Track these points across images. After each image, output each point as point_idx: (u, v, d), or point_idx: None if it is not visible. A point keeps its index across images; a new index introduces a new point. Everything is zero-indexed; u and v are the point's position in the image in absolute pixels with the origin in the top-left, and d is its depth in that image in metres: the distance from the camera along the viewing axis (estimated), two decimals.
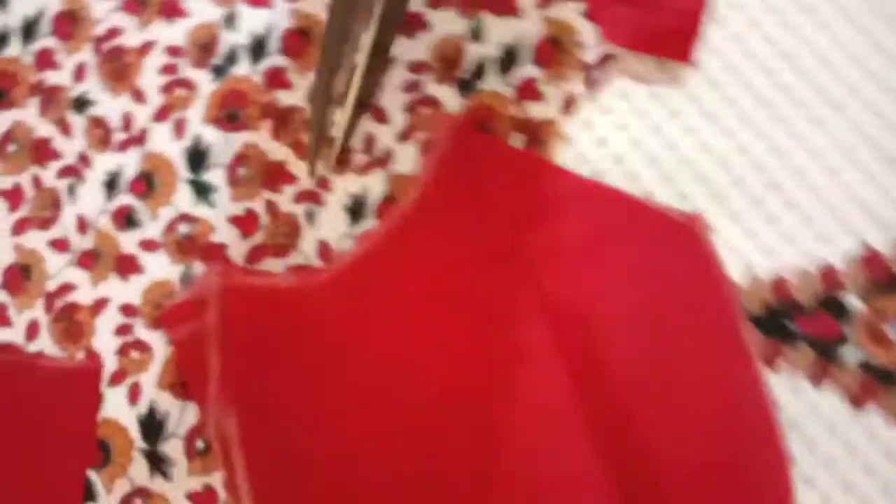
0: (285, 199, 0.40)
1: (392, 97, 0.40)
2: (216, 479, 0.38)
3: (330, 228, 0.40)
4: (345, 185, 0.40)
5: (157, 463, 0.38)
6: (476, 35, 0.40)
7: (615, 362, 0.36)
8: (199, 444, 0.38)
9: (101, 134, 0.41)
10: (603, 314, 0.37)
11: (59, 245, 0.41)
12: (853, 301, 0.36)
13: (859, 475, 0.35)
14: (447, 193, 0.39)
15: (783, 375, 0.36)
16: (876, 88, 0.38)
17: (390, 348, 0.38)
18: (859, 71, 0.38)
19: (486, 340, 0.38)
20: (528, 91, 0.39)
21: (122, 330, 0.39)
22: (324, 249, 0.39)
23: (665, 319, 0.37)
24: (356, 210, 0.40)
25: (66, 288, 0.40)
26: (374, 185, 0.40)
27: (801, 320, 0.36)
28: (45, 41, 0.43)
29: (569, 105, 0.39)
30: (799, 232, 0.37)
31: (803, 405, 0.35)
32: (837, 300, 0.36)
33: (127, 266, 0.40)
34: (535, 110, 0.39)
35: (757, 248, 0.37)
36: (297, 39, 0.41)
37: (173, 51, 0.42)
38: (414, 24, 0.40)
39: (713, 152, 0.38)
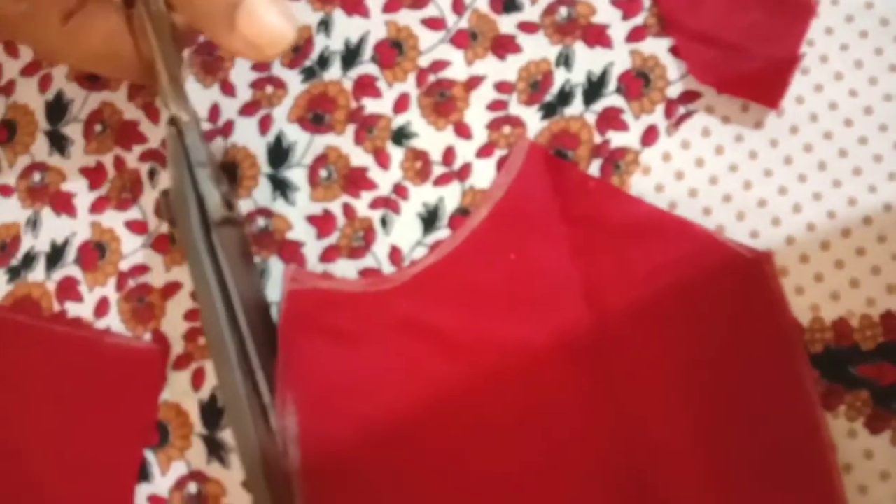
0: (362, 204, 0.43)
1: (476, 114, 0.43)
2: None
3: (403, 235, 0.43)
4: (421, 195, 0.43)
5: (216, 449, 0.41)
6: (566, 62, 0.43)
7: (667, 394, 0.39)
8: None
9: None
10: (661, 343, 0.39)
11: (136, 226, 0.44)
12: None
13: None
14: (518, 212, 0.42)
15: (841, 419, 0.38)
16: None
17: (453, 355, 0.41)
18: None
19: (541, 359, 0.40)
20: (611, 120, 0.42)
21: (192, 315, 0.42)
22: (395, 255, 0.42)
23: (725, 355, 0.40)
24: (429, 220, 0.43)
25: (140, 269, 0.43)
26: (450, 197, 0.43)
27: (861, 366, 0.39)
28: None
29: (649, 137, 0.42)
30: (865, 279, 0.40)
31: (858, 450, 0.38)
32: None
33: None
34: (616, 139, 0.42)
35: (823, 292, 0.40)
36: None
37: None
38: (507, 46, 0.43)
39: (788, 195, 0.41)
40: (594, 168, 0.43)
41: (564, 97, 0.43)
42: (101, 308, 0.44)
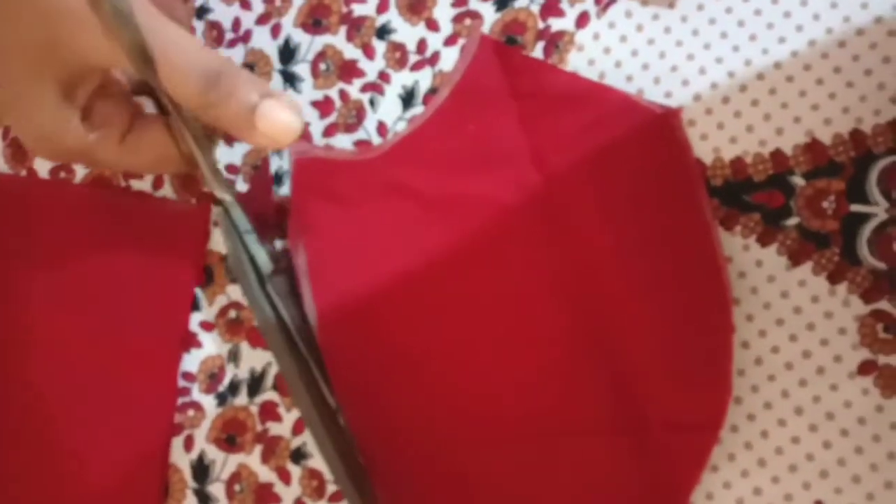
0: (354, 89, 0.54)
1: (443, 10, 0.54)
2: None
3: (387, 112, 0.54)
4: (400, 79, 0.54)
5: None
6: None
7: (600, 225, 0.49)
8: None
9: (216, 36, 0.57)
10: (593, 187, 0.50)
11: None
12: (797, 180, 0.48)
13: (790, 314, 0.47)
14: (473, 91, 0.53)
15: (737, 237, 0.48)
16: (833, 15, 0.49)
17: (429, 209, 0.52)
18: (823, 2, 0.49)
19: (499, 210, 0.51)
20: (551, 9, 0.52)
21: None
22: (382, 128, 0.54)
23: (643, 191, 0.50)
24: (408, 99, 0.54)
25: None
26: (423, 80, 0.54)
27: (754, 194, 0.48)
28: None
29: (582, 21, 0.52)
30: (758, 124, 0.49)
31: (751, 260, 0.48)
32: (784, 178, 0.48)
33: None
34: (555, 24, 0.52)
35: (723, 137, 0.49)
36: None
37: None
38: None
39: (695, 61, 0.51)
40: (538, 49, 0.53)
41: None
42: (158, 182, 0.57)
